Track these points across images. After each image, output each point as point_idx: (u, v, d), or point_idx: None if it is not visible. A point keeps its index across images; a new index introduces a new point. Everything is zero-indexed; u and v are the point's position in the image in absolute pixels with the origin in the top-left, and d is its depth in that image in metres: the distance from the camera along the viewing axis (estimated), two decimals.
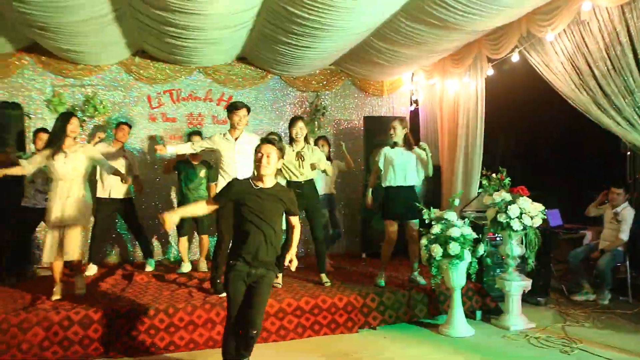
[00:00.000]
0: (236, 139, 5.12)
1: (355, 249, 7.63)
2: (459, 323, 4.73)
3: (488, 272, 5.37)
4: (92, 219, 5.59)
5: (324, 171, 5.60)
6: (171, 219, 3.49)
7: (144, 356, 4.31)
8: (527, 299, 5.50)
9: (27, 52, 6.63)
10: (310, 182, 5.37)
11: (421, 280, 5.35)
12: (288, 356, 4.26)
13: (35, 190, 5.71)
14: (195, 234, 6.79)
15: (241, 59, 7.30)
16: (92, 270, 6.04)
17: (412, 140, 5.55)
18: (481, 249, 4.74)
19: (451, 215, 4.73)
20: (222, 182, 5.07)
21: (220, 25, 5.36)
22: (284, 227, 4.12)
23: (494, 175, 5.00)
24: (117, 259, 6.97)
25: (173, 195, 7.18)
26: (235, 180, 3.85)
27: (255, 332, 3.45)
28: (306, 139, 5.39)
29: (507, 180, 4.91)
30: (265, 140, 3.68)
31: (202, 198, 6.08)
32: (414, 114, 8.09)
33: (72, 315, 4.36)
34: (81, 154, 4.85)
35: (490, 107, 6.56)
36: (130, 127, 6.38)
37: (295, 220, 3.74)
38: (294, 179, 5.30)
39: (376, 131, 7.12)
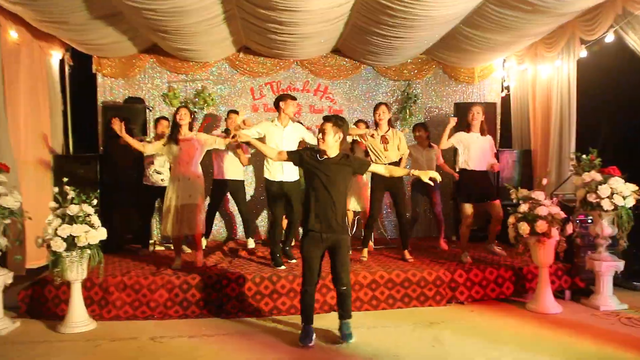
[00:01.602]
0: (285, 127, 5.50)
1: (447, 231, 7.82)
2: (546, 300, 4.85)
3: (579, 253, 5.39)
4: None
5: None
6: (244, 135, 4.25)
7: (250, 317, 4.86)
8: (623, 283, 5.47)
9: (148, 53, 7.50)
10: (395, 165, 5.70)
11: (502, 253, 5.67)
12: (379, 323, 4.61)
13: (154, 170, 6.51)
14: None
15: (335, 51, 7.71)
16: (202, 243, 6.75)
17: (486, 127, 5.77)
18: (569, 228, 4.82)
19: (538, 195, 4.85)
20: (264, 171, 5.54)
21: (318, 19, 5.80)
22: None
23: (584, 156, 5.03)
24: (225, 236, 7.69)
25: None
26: (305, 149, 4.26)
27: (343, 288, 4.02)
28: (390, 123, 5.78)
29: (598, 161, 4.93)
30: (323, 118, 4.10)
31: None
32: (505, 100, 8.09)
33: (189, 280, 5.01)
34: (194, 141, 5.47)
35: (585, 89, 6.48)
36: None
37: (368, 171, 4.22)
38: (379, 161, 5.68)
39: (466, 117, 7.22)
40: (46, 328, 4.59)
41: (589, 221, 5.34)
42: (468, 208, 5.72)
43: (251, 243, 6.81)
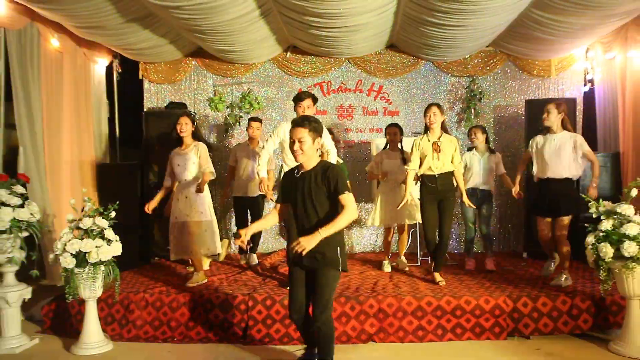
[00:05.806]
0: None
1: (518, 247, 6.95)
2: (636, 339, 3.89)
3: None
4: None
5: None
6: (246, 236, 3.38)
7: (278, 345, 4.30)
8: None
9: (193, 57, 7.22)
10: (446, 175, 4.96)
11: (565, 283, 4.72)
12: (425, 358, 3.93)
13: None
14: None
15: (391, 46, 7.06)
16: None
17: (570, 126, 4.98)
18: None
19: (626, 209, 3.93)
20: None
21: (360, 9, 5.15)
22: None
23: None
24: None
25: None
26: (285, 175, 3.65)
27: (315, 325, 3.28)
28: (444, 128, 5.01)
29: None
30: (294, 122, 3.38)
31: None
32: (589, 96, 7.02)
33: (213, 299, 4.55)
34: (192, 153, 5.08)
35: None
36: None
37: (344, 199, 3.25)
38: (429, 172, 4.96)
39: (539, 116, 6.28)
40: (62, 348, 4.30)
41: None
42: (539, 222, 5.03)
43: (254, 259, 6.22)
